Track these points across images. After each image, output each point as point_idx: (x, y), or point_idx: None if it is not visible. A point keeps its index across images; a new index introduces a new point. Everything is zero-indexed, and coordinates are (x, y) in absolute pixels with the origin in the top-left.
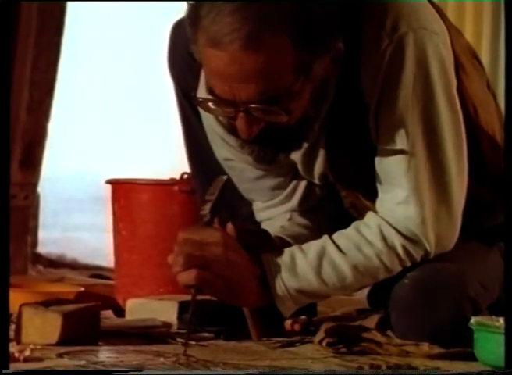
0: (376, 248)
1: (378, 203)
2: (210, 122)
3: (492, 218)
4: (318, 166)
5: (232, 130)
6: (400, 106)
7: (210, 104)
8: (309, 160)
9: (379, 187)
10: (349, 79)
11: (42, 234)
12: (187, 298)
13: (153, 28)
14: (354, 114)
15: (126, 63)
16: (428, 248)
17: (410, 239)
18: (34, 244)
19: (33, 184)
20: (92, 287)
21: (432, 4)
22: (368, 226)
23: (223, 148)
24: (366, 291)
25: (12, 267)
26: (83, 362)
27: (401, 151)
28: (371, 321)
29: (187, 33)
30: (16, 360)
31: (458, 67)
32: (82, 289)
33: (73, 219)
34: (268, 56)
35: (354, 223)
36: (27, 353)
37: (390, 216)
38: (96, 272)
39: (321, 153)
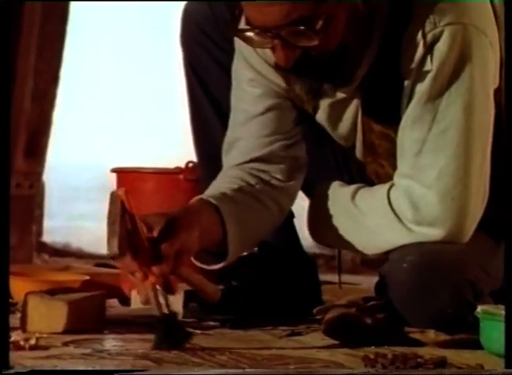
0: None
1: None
2: (252, 63)
3: (502, 210)
4: (347, 121)
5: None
6: (430, 94)
7: (250, 35)
8: (341, 110)
9: (397, 154)
10: (391, 48)
11: (47, 223)
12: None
13: (158, 18)
14: (391, 83)
15: (131, 52)
16: (416, 234)
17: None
18: (39, 233)
19: (38, 173)
20: (97, 275)
21: (492, 3)
22: (381, 187)
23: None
24: (372, 279)
25: (18, 256)
26: (88, 351)
27: (418, 135)
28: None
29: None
30: (22, 348)
31: (502, 66)
32: (87, 278)
33: (78, 207)
34: None
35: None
36: (33, 342)
37: (395, 187)
38: (101, 261)
39: (354, 106)
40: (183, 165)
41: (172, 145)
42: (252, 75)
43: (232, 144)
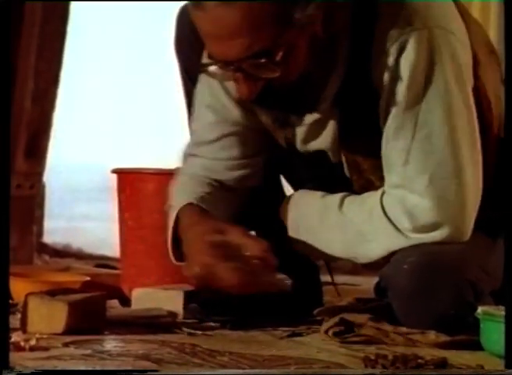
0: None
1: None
2: (216, 95)
3: (499, 209)
4: (322, 140)
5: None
6: (408, 103)
7: (212, 69)
8: (317, 132)
9: (384, 168)
10: (360, 63)
11: (48, 224)
12: (193, 287)
13: (158, 18)
14: (366, 97)
15: (132, 53)
16: (414, 240)
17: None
18: (40, 233)
19: (39, 174)
20: (98, 276)
21: (455, 1)
22: (371, 196)
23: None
24: (372, 280)
25: (18, 257)
26: (88, 352)
27: (403, 145)
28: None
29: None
30: (22, 349)
31: (476, 64)
32: (88, 279)
33: (79, 208)
34: (243, 10)
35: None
36: (33, 342)
37: (387, 196)
38: (102, 261)
39: (331, 126)
40: None
41: (173, 146)
42: (211, 101)
43: (188, 155)
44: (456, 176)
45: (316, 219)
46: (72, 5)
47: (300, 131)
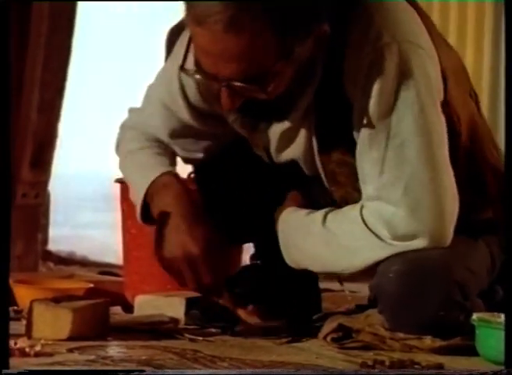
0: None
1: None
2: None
3: (475, 214)
4: (295, 149)
5: (213, 100)
6: (380, 113)
7: (196, 76)
8: (288, 140)
9: (359, 179)
10: (333, 75)
11: (52, 232)
12: (194, 294)
13: (162, 30)
14: (339, 109)
15: (136, 63)
16: (397, 247)
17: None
18: (45, 241)
19: (44, 183)
20: (101, 283)
21: (421, 16)
22: (351, 209)
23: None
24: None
25: (23, 264)
26: (92, 357)
27: (377, 156)
28: (375, 316)
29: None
30: (27, 355)
31: (445, 79)
32: (91, 286)
33: (83, 217)
34: (249, 40)
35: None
36: (38, 348)
37: (366, 208)
38: (105, 269)
39: (302, 136)
40: (185, 175)
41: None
42: (167, 100)
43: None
44: (431, 184)
45: (301, 236)
46: (78, 17)
47: (273, 140)
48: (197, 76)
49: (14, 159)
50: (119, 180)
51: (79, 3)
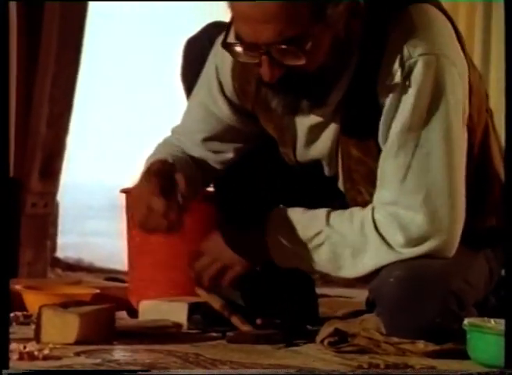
0: (353, 229)
1: (374, 196)
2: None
3: (479, 222)
4: (321, 145)
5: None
6: (412, 123)
7: (237, 49)
8: (317, 134)
9: (378, 183)
10: (366, 76)
11: (61, 240)
12: (196, 299)
13: (168, 44)
14: (368, 109)
15: (142, 77)
16: (404, 254)
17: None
18: (53, 249)
19: (53, 193)
20: (107, 289)
21: (456, 33)
22: (362, 209)
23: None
24: (366, 293)
25: (33, 271)
26: (98, 361)
27: (402, 162)
28: (370, 321)
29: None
30: (36, 358)
31: (470, 96)
32: (98, 291)
33: (90, 225)
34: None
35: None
36: (46, 352)
37: (379, 212)
38: (111, 275)
39: (331, 131)
40: None
41: None
42: (207, 100)
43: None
44: (449, 195)
45: (301, 233)
46: (87, 34)
47: (301, 135)
48: (239, 49)
49: (24, 171)
50: (124, 191)
51: (87, 20)
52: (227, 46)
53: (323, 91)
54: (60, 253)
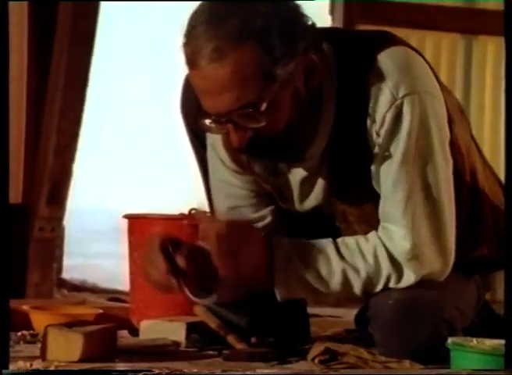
0: (366, 263)
1: (380, 231)
2: (216, 152)
3: (472, 251)
4: (315, 197)
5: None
6: (404, 159)
7: (207, 123)
8: (309, 187)
9: (381, 222)
10: (350, 124)
11: (66, 262)
12: (194, 319)
13: (170, 71)
14: (355, 155)
15: (143, 107)
16: (412, 280)
17: (397, 268)
18: (59, 270)
19: (59, 218)
20: (110, 309)
21: (430, 68)
22: (367, 240)
23: (224, 172)
24: (354, 312)
25: (40, 291)
26: None
27: (400, 198)
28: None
29: None
30: None
31: (450, 122)
32: (101, 311)
33: (94, 248)
34: (233, 66)
35: (356, 236)
36: (52, 369)
37: (388, 243)
38: (114, 296)
39: (320, 183)
40: (186, 211)
41: (178, 193)
42: (224, 177)
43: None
44: (444, 223)
45: (311, 265)
46: (92, 70)
47: (296, 189)
48: (208, 123)
49: (32, 197)
50: (126, 216)
51: (93, 58)
52: (199, 123)
53: (298, 147)
54: (66, 274)
